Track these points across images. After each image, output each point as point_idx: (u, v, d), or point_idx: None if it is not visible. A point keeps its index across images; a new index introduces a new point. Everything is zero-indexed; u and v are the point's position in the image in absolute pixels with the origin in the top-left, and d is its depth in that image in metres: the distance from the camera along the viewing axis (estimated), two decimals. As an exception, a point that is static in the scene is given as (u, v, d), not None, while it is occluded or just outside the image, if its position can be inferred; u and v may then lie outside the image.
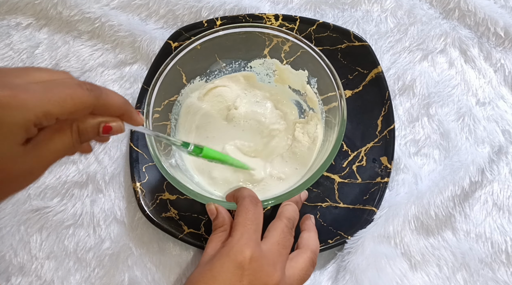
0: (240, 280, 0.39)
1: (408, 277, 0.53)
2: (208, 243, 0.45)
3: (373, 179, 0.56)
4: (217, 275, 0.39)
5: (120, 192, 0.58)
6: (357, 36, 0.60)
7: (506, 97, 0.61)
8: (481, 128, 0.59)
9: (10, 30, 0.64)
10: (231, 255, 0.40)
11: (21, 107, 0.26)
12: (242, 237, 0.41)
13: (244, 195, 0.45)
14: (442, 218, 0.55)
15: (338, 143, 0.48)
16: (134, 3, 0.64)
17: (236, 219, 0.43)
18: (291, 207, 0.48)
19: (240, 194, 0.45)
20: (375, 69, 0.59)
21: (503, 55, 0.62)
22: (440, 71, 0.62)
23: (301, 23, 0.61)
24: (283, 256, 0.43)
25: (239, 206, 0.44)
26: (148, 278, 0.55)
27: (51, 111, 0.28)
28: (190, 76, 0.56)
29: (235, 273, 0.39)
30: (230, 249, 0.41)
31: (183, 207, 0.55)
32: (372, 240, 0.53)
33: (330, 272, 0.55)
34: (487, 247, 0.55)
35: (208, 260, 0.42)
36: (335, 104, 0.51)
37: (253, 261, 0.40)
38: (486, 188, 0.57)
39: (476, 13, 0.63)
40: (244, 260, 0.40)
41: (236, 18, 0.61)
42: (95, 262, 0.55)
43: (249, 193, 0.45)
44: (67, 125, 0.30)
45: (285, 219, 0.46)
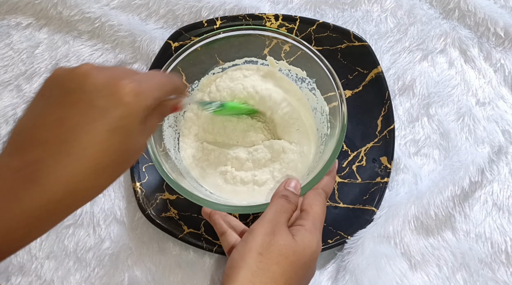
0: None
1: (408, 277, 0.53)
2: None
3: (373, 179, 0.56)
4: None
5: (120, 191, 0.58)
6: (357, 36, 0.60)
7: (506, 97, 0.61)
8: (481, 129, 0.59)
9: (10, 30, 0.64)
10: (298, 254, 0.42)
11: (145, 95, 0.33)
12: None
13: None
14: (442, 218, 0.55)
15: (339, 146, 0.48)
16: (134, 3, 0.64)
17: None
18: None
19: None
20: (375, 69, 0.59)
21: (503, 55, 0.62)
22: (440, 71, 0.62)
23: (301, 23, 0.61)
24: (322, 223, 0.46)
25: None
26: (148, 278, 0.55)
27: (159, 95, 0.35)
28: (190, 77, 0.56)
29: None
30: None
31: (183, 207, 0.55)
32: (372, 240, 0.53)
33: (330, 272, 0.55)
34: (487, 247, 0.55)
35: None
36: (335, 104, 0.51)
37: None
38: (486, 188, 0.57)
39: (476, 13, 0.63)
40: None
41: (236, 18, 0.61)
42: (95, 262, 0.55)
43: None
44: (156, 107, 0.36)
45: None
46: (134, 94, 0.32)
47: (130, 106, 0.32)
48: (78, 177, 0.31)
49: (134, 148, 0.34)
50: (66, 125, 0.31)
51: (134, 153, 0.34)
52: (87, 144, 0.31)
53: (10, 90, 0.62)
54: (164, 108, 0.39)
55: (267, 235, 0.42)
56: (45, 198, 0.30)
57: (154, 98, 0.34)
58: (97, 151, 0.31)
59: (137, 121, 0.33)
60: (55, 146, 0.30)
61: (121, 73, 0.34)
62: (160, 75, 0.38)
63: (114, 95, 0.32)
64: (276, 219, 0.43)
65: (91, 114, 0.31)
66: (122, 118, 0.32)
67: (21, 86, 0.62)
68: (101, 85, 0.32)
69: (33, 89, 0.62)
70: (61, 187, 0.30)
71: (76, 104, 0.31)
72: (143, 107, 0.33)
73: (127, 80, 0.32)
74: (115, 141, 0.32)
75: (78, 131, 0.31)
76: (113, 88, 0.32)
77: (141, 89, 0.33)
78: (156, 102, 0.35)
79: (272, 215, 0.43)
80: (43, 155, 0.30)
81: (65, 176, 0.30)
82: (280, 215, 0.43)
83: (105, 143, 0.31)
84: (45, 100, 0.32)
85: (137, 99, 0.32)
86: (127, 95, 0.32)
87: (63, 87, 0.32)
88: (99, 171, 0.31)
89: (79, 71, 0.32)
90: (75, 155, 0.31)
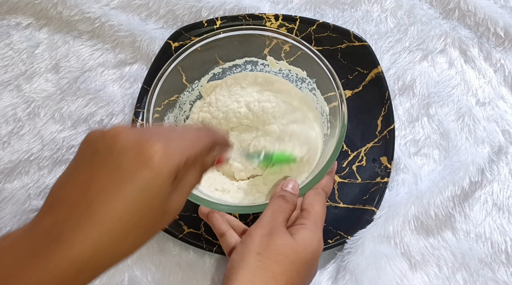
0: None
1: (408, 277, 0.53)
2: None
3: (373, 179, 0.56)
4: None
5: (120, 191, 0.58)
6: (357, 36, 0.60)
7: (506, 97, 0.61)
8: (481, 129, 0.59)
9: (10, 30, 0.64)
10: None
11: (174, 155, 0.32)
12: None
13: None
14: (442, 218, 0.55)
15: (339, 146, 0.48)
16: (134, 3, 0.64)
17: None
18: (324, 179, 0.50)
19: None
20: (375, 69, 0.59)
21: (503, 55, 0.62)
22: (440, 71, 0.62)
23: (301, 23, 0.61)
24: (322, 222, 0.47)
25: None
26: (148, 278, 0.55)
27: (192, 153, 0.34)
28: (190, 77, 0.56)
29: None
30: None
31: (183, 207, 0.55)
32: (372, 240, 0.53)
33: (330, 272, 0.55)
34: (487, 247, 0.55)
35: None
36: (335, 104, 0.51)
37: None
38: (486, 188, 0.57)
39: (476, 13, 0.63)
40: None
41: (236, 18, 0.61)
42: (95, 262, 0.55)
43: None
44: (195, 163, 0.35)
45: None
46: (161, 155, 0.31)
47: (157, 167, 0.31)
48: (103, 239, 0.30)
49: (167, 209, 0.33)
50: (93, 187, 0.31)
51: (167, 214, 0.34)
52: (113, 206, 0.30)
53: (10, 90, 0.62)
54: (205, 164, 0.37)
55: (265, 235, 0.42)
56: (70, 257, 0.29)
57: (184, 158, 0.33)
58: (124, 211, 0.31)
59: (166, 182, 0.32)
60: (81, 207, 0.30)
61: (152, 133, 0.33)
62: (195, 132, 0.37)
63: (141, 156, 0.31)
64: (274, 220, 0.43)
65: (118, 175, 0.31)
66: (149, 180, 0.31)
67: (21, 86, 0.62)
68: (129, 146, 0.32)
69: (33, 89, 0.62)
70: (87, 247, 0.30)
71: (104, 166, 0.31)
72: (172, 168, 0.32)
73: (156, 140, 0.32)
74: (142, 202, 0.31)
75: (105, 193, 0.31)
76: (140, 149, 0.31)
77: (170, 150, 0.32)
78: (190, 161, 0.34)
79: (270, 215, 0.44)
80: (70, 215, 0.30)
81: (91, 236, 0.30)
82: (277, 215, 0.44)
83: (131, 204, 0.31)
84: (77, 162, 0.33)
85: (165, 160, 0.31)
86: (154, 156, 0.31)
87: (94, 149, 0.32)
88: (127, 232, 0.31)
89: (110, 133, 0.32)
90: (102, 216, 0.30)
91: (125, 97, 0.62)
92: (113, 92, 0.62)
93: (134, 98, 0.60)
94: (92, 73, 0.63)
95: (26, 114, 0.61)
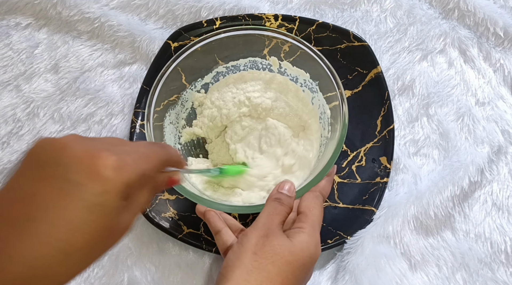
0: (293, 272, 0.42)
1: (407, 277, 0.53)
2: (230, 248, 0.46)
3: (373, 179, 0.56)
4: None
5: (119, 192, 0.58)
6: (357, 36, 0.60)
7: (505, 97, 0.61)
8: (481, 129, 0.59)
9: (10, 30, 0.64)
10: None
11: (126, 169, 0.30)
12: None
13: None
14: (442, 218, 0.55)
15: (339, 146, 0.48)
16: (133, 3, 0.64)
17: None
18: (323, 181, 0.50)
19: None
20: (374, 69, 0.59)
21: (502, 55, 0.62)
22: (439, 71, 0.62)
23: (300, 23, 0.61)
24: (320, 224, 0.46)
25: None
26: (148, 278, 0.55)
27: (145, 169, 0.32)
28: (189, 77, 0.56)
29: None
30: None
31: (182, 207, 0.55)
32: (372, 240, 0.53)
33: (329, 272, 0.55)
34: (487, 247, 0.55)
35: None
36: (336, 103, 0.51)
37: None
38: (486, 188, 0.57)
39: (476, 13, 0.63)
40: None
41: (235, 18, 0.61)
42: (94, 262, 0.55)
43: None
44: (147, 182, 0.33)
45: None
46: (114, 168, 0.29)
47: (108, 181, 0.29)
48: (44, 260, 0.27)
49: (116, 227, 0.31)
50: (37, 202, 0.28)
51: (116, 233, 0.31)
52: (58, 223, 0.28)
53: (9, 91, 0.62)
54: (157, 183, 0.35)
55: (261, 237, 0.42)
56: (4, 281, 0.27)
57: (138, 173, 0.31)
58: (68, 230, 0.28)
59: (117, 199, 0.29)
60: (22, 224, 0.28)
61: (104, 144, 0.31)
62: (149, 147, 0.34)
63: (91, 169, 0.29)
64: (270, 222, 0.43)
65: (65, 189, 0.28)
66: (99, 195, 0.29)
67: (20, 86, 0.62)
68: (78, 157, 0.29)
69: (33, 89, 0.62)
70: (24, 271, 0.27)
71: (50, 179, 0.29)
72: (124, 183, 0.30)
73: (108, 152, 0.30)
74: (90, 220, 0.28)
75: (49, 209, 0.28)
76: (90, 161, 0.29)
77: (123, 163, 0.30)
78: (143, 178, 0.32)
79: (266, 217, 0.44)
80: (8, 234, 0.28)
81: (29, 258, 0.27)
82: (273, 217, 0.44)
83: (78, 222, 0.28)
84: (22, 173, 0.30)
85: (117, 174, 0.29)
86: (106, 169, 0.29)
87: (40, 160, 0.30)
88: (71, 253, 0.28)
89: (59, 143, 0.30)
90: (42, 234, 0.27)
91: (125, 98, 0.62)
92: (112, 92, 0.62)
93: (134, 98, 0.60)
94: (91, 73, 0.63)
95: (25, 115, 0.61)
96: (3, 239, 0.28)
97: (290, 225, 0.46)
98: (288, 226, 0.46)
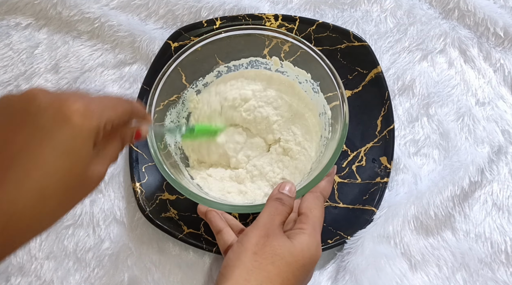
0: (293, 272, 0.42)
1: (407, 277, 0.53)
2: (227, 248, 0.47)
3: (373, 179, 0.56)
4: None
5: (119, 192, 0.58)
6: (357, 36, 0.60)
7: (505, 97, 0.61)
8: (481, 128, 0.59)
9: (10, 30, 0.64)
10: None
11: (94, 115, 0.31)
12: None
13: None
14: (442, 218, 0.55)
15: (340, 146, 0.48)
16: (133, 3, 0.64)
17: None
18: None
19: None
20: (374, 69, 0.59)
21: (502, 55, 0.62)
22: (439, 71, 0.62)
23: (300, 23, 0.61)
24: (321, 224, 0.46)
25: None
26: (148, 278, 0.55)
27: (111, 116, 0.33)
28: (190, 77, 0.56)
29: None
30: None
31: (182, 207, 0.55)
32: (372, 240, 0.53)
33: (329, 272, 0.55)
34: (487, 247, 0.55)
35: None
36: (337, 103, 0.51)
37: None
38: (486, 188, 0.57)
39: (476, 13, 0.63)
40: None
41: (235, 18, 0.61)
42: (94, 262, 0.55)
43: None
44: (115, 134, 0.35)
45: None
46: (81, 114, 0.30)
47: (76, 126, 0.30)
48: (19, 204, 0.28)
49: (88, 175, 0.32)
50: (9, 150, 0.29)
51: (88, 181, 0.32)
52: (31, 168, 0.29)
53: (9, 91, 0.62)
54: (124, 134, 0.37)
55: (262, 237, 0.42)
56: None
57: (103, 119, 0.32)
58: (41, 175, 0.29)
59: (87, 144, 0.31)
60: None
61: (70, 94, 0.32)
62: (114, 97, 0.36)
63: (59, 115, 0.30)
64: (270, 222, 0.43)
65: (37, 136, 0.29)
66: (69, 140, 0.30)
67: (20, 86, 0.62)
68: (46, 105, 0.30)
69: (33, 89, 0.62)
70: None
71: (20, 127, 0.30)
72: (92, 128, 0.31)
73: (75, 99, 0.31)
74: (63, 165, 0.30)
75: (22, 155, 0.29)
76: (58, 107, 0.30)
77: (89, 109, 0.31)
78: (109, 126, 0.33)
79: (266, 218, 0.44)
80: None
81: (4, 203, 0.28)
82: (274, 217, 0.44)
83: (51, 167, 0.29)
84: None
85: (84, 119, 0.30)
86: (73, 114, 0.30)
87: (9, 110, 0.31)
88: (45, 198, 0.29)
89: (26, 94, 0.31)
90: (16, 180, 0.28)
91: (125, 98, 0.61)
92: (112, 92, 0.62)
93: (134, 98, 0.60)
94: (91, 73, 0.63)
95: (25, 115, 0.61)
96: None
97: (291, 225, 0.46)
98: (288, 227, 0.46)
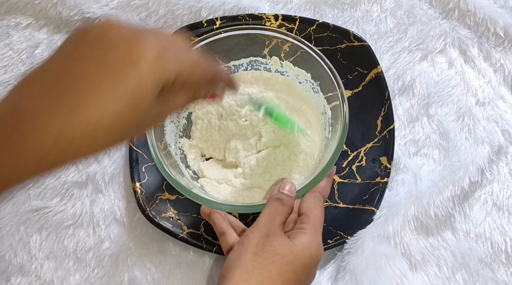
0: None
1: (408, 277, 0.53)
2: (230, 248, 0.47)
3: (373, 179, 0.56)
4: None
5: (119, 192, 0.58)
6: (357, 36, 0.60)
7: (505, 97, 0.61)
8: (481, 128, 0.59)
9: (10, 30, 0.64)
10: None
11: (165, 65, 0.29)
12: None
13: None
14: (442, 218, 0.55)
15: (340, 146, 0.48)
16: (133, 3, 0.64)
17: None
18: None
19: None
20: (374, 69, 0.59)
21: (502, 55, 0.62)
22: (439, 71, 0.62)
23: (300, 23, 0.61)
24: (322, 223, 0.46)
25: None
26: (148, 278, 0.55)
27: (184, 72, 0.30)
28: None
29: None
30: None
31: (182, 207, 0.55)
32: (372, 240, 0.53)
33: (329, 272, 0.55)
34: (487, 247, 0.55)
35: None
36: (337, 103, 0.51)
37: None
38: (486, 188, 0.57)
39: (476, 13, 0.63)
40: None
41: (235, 18, 0.61)
42: (94, 262, 0.55)
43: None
44: (190, 86, 0.32)
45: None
46: (152, 61, 0.28)
47: (143, 73, 0.28)
48: (70, 134, 0.27)
49: (143, 120, 0.30)
50: (69, 80, 0.28)
51: (142, 125, 0.31)
52: (87, 102, 0.27)
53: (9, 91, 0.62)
54: (197, 92, 0.34)
55: (262, 237, 0.42)
56: (30, 149, 0.27)
57: (174, 73, 0.29)
58: (95, 111, 0.27)
59: (151, 93, 0.28)
60: (53, 99, 0.28)
61: (148, 34, 0.29)
62: (197, 55, 0.33)
63: (128, 56, 0.28)
64: (271, 222, 0.43)
65: (100, 71, 0.28)
66: (131, 85, 0.28)
67: (20, 86, 0.62)
68: (117, 42, 0.28)
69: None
70: (49, 141, 0.27)
71: (86, 59, 0.28)
72: (158, 79, 0.28)
73: (150, 42, 0.28)
74: (120, 108, 0.28)
75: (81, 87, 0.28)
76: (130, 47, 0.28)
77: (163, 57, 0.28)
78: (180, 79, 0.30)
79: (266, 218, 0.44)
80: (38, 107, 0.28)
81: (56, 130, 0.27)
82: (274, 217, 0.44)
83: (107, 106, 0.28)
84: (57, 55, 0.30)
85: (153, 67, 0.28)
86: (143, 59, 0.28)
87: (77, 42, 0.29)
88: (96, 133, 0.28)
89: (100, 26, 0.29)
90: (69, 110, 0.27)
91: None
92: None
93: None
94: (91, 73, 0.63)
95: (25, 115, 0.61)
96: (33, 112, 0.28)
97: (292, 226, 0.46)
98: (289, 227, 0.46)
